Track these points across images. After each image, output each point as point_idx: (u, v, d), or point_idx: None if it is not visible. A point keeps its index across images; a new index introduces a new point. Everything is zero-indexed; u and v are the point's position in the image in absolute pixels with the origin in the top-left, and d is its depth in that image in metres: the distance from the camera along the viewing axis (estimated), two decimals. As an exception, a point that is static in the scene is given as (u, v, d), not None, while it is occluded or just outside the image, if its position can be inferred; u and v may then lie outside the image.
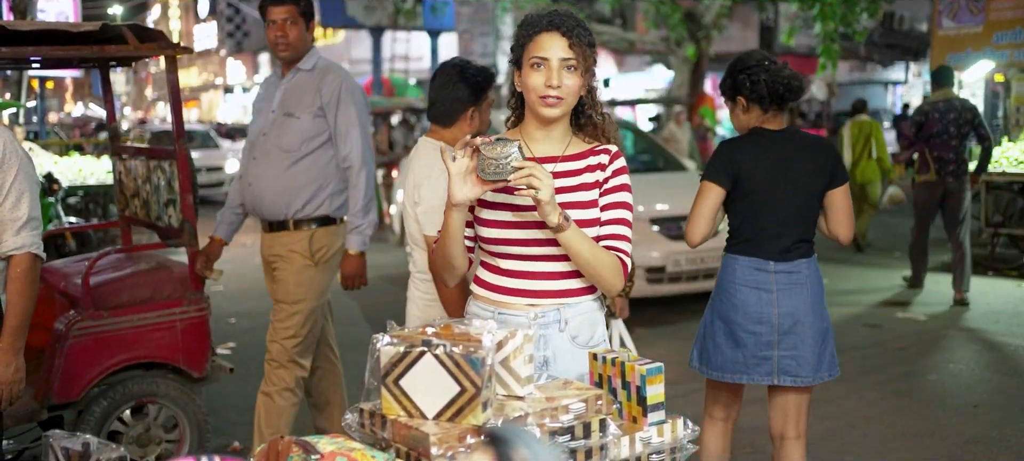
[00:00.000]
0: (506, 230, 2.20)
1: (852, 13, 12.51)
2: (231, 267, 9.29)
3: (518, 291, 2.24)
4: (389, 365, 1.81)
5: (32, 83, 13.64)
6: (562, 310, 2.24)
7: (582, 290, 2.27)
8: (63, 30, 3.74)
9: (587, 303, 2.28)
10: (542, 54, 2.15)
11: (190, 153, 4.01)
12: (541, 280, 2.23)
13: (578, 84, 2.18)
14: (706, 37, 13.50)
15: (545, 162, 2.22)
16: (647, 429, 1.91)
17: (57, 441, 1.88)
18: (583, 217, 2.20)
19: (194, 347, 3.94)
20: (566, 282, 2.24)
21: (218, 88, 43.43)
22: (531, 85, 2.17)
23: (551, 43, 2.15)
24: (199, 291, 3.97)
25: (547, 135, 2.25)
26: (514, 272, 2.24)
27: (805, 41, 18.95)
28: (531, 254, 2.22)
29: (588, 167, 2.25)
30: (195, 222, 3.99)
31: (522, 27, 2.23)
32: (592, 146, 2.28)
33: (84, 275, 3.75)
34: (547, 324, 2.22)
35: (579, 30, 2.17)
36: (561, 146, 2.27)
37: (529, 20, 2.21)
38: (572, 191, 2.22)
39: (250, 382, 5.57)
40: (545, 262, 2.22)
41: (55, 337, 3.74)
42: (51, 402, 3.71)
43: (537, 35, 2.17)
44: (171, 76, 3.89)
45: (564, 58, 2.14)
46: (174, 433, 3.99)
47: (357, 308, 7.80)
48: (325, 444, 1.68)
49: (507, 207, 2.20)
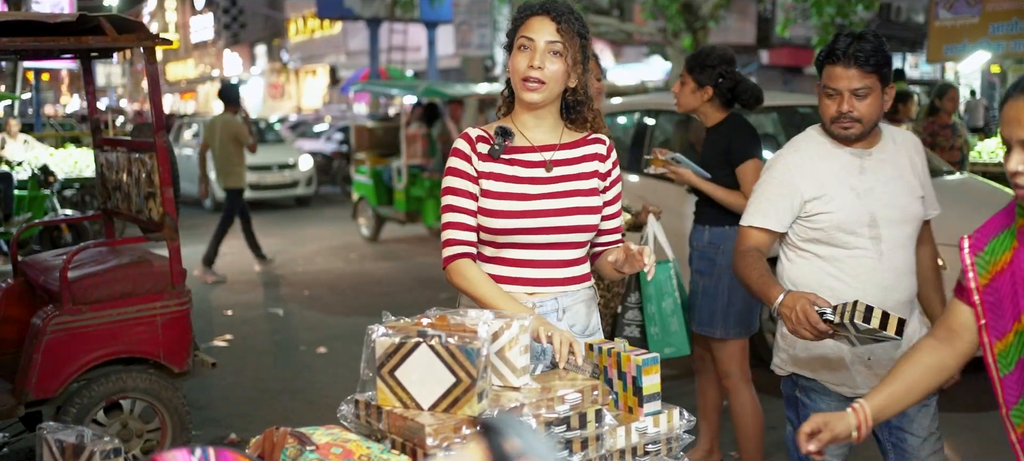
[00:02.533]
0: (510, 220, 2.20)
1: (849, 5, 12.50)
2: (229, 259, 9.30)
3: (519, 279, 2.24)
4: (384, 356, 1.80)
5: (27, 75, 13.59)
6: (560, 299, 2.26)
7: (579, 278, 2.29)
8: (40, 21, 3.70)
9: (583, 291, 2.30)
10: (529, 35, 2.17)
11: (172, 146, 3.97)
12: (541, 269, 2.24)
13: (562, 70, 2.18)
14: (703, 28, 13.47)
15: (544, 150, 2.25)
16: (643, 419, 1.91)
17: (51, 433, 1.88)
18: (586, 204, 2.23)
19: (175, 342, 3.88)
20: (565, 270, 2.26)
21: (214, 80, 43.33)
22: (516, 67, 2.19)
23: (540, 25, 2.17)
24: (180, 285, 3.91)
25: (538, 123, 2.26)
26: (516, 261, 2.24)
27: (802, 32, 18.93)
28: (533, 243, 2.23)
29: (586, 156, 2.28)
30: (176, 215, 3.93)
31: (518, 11, 2.25)
32: (585, 135, 2.31)
33: (62, 269, 3.68)
34: (546, 313, 2.22)
35: (570, 17, 2.18)
36: (556, 134, 2.28)
37: (524, 5, 2.24)
38: (575, 179, 2.24)
39: (246, 375, 5.58)
40: (546, 251, 2.23)
41: (33, 332, 3.66)
42: (29, 398, 3.64)
43: (528, 18, 2.19)
44: (151, 67, 3.86)
45: (550, 41, 2.16)
46: (153, 422, 3.93)
47: (362, 300, 7.80)
48: (320, 435, 1.68)
49: (511, 196, 2.21)
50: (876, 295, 2.45)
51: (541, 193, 2.21)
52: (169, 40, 4.11)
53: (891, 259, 2.52)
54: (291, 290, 8.22)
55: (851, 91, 2.44)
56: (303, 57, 33.83)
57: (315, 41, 32.09)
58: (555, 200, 2.21)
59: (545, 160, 2.24)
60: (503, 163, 2.23)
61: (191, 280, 5.08)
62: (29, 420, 4.06)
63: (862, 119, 2.46)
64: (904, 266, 2.56)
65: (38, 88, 14.88)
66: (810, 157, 2.56)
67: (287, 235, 11.66)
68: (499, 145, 2.21)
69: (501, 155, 2.22)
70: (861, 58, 2.41)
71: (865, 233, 2.52)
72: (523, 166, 2.23)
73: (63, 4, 14.04)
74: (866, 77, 2.43)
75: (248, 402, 5.07)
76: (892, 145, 2.60)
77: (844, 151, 2.55)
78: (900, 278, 2.55)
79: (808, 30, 16.51)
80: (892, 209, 2.53)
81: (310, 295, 7.97)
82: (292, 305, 7.55)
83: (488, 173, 2.22)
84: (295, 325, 6.90)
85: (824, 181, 2.53)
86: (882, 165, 2.55)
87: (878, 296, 2.45)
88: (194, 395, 4.80)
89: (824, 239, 2.54)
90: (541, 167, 2.23)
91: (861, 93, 2.44)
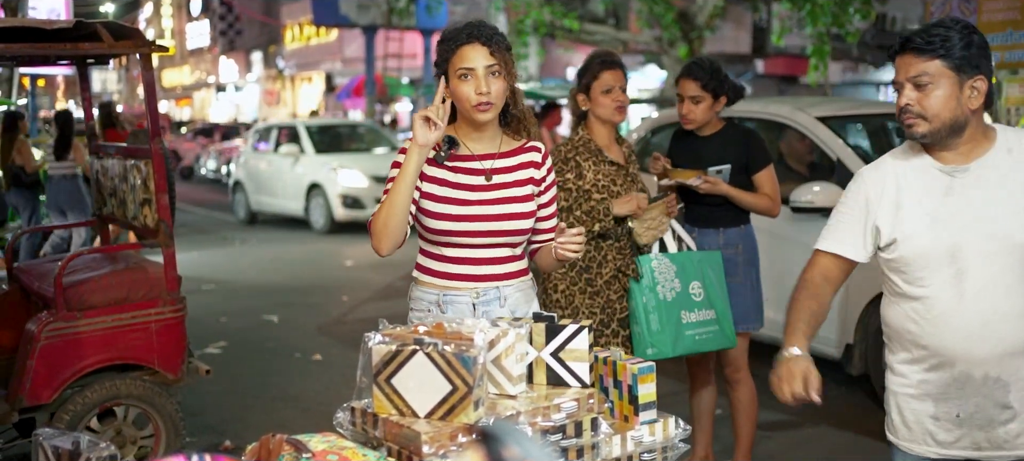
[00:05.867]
0: (450, 222, 2.38)
1: (844, 14, 12.54)
2: (223, 265, 9.29)
3: (462, 276, 2.42)
4: (381, 363, 1.81)
5: (23, 81, 13.58)
6: (501, 288, 2.44)
7: (518, 273, 2.48)
8: (37, 27, 3.70)
9: (519, 283, 2.48)
10: (467, 65, 2.32)
11: (166, 152, 3.98)
12: (483, 266, 2.42)
13: (503, 87, 2.36)
14: (699, 37, 13.50)
15: (484, 158, 2.44)
16: (638, 428, 1.91)
17: (46, 439, 1.87)
18: (521, 210, 2.42)
19: (170, 349, 3.87)
20: (504, 266, 2.45)
21: (210, 86, 43.31)
22: (462, 95, 2.34)
23: (474, 54, 2.32)
24: (175, 292, 3.90)
25: (480, 135, 2.44)
26: (458, 259, 2.42)
27: (797, 42, 18.98)
28: (472, 243, 2.40)
29: (521, 164, 2.48)
30: (171, 222, 3.93)
31: (443, 42, 2.39)
32: (521, 144, 2.50)
33: (57, 275, 3.67)
34: (489, 301, 2.42)
35: (497, 37, 2.35)
36: (495, 144, 2.47)
37: (448, 35, 2.38)
38: (511, 186, 2.43)
39: (241, 381, 5.57)
40: (486, 249, 2.42)
41: (27, 338, 3.64)
42: (22, 405, 3.63)
43: (459, 48, 2.34)
44: (147, 74, 3.86)
45: (488, 65, 2.32)
46: (147, 429, 3.92)
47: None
48: (317, 443, 1.68)
49: (452, 201, 2.38)
50: (957, 346, 2.11)
51: (480, 199, 2.40)
52: (165, 47, 4.11)
53: (978, 302, 2.10)
54: (286, 297, 8.21)
55: (909, 80, 2.10)
56: (299, 64, 33.83)
57: (311, 48, 32.11)
58: (493, 206, 2.40)
59: (486, 169, 2.43)
60: (446, 169, 2.41)
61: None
62: (23, 426, 4.04)
63: (926, 115, 2.09)
64: (1002, 310, 2.11)
65: (34, 94, 14.87)
66: (891, 174, 2.21)
67: (285, 240, 11.66)
68: (445, 152, 2.39)
69: (445, 161, 2.38)
70: (919, 43, 2.09)
71: (944, 268, 2.12)
72: (465, 173, 2.41)
73: (60, 10, 14.01)
74: (925, 63, 2.08)
75: (243, 409, 5.06)
76: (1006, 156, 2.15)
77: (931, 167, 2.17)
78: (991, 326, 2.10)
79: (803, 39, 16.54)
80: (986, 239, 2.10)
81: (305, 302, 7.96)
82: (287, 312, 7.54)
83: (432, 177, 2.40)
84: (290, 332, 6.89)
85: (900, 203, 2.17)
86: (981, 183, 2.13)
87: (961, 347, 2.10)
88: (188, 402, 4.79)
89: (904, 274, 2.18)
90: (481, 175, 2.42)
91: (922, 83, 2.08)
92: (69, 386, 3.72)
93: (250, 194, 13.54)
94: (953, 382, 2.15)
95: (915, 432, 2.22)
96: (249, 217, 13.67)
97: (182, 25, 44.71)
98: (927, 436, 2.20)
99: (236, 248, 9.29)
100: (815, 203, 4.88)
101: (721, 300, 3.48)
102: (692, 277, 3.43)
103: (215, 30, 41.05)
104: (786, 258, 3.45)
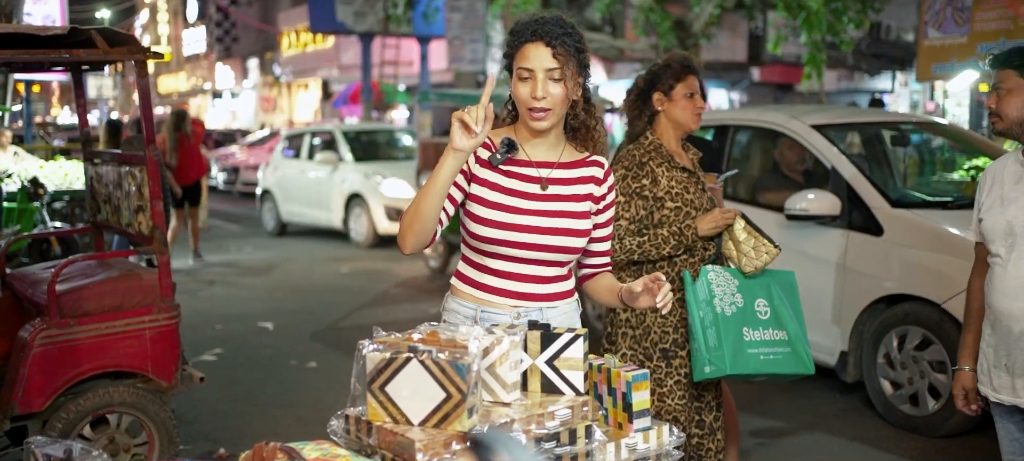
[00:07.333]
0: (497, 230, 2.20)
1: (839, 23, 12.59)
2: (218, 274, 9.28)
3: (503, 291, 2.24)
4: (375, 371, 1.80)
5: (18, 87, 13.55)
6: (544, 311, 2.25)
7: (563, 294, 2.30)
8: (31, 34, 3.69)
9: (565, 305, 2.31)
10: (528, 66, 2.16)
11: (161, 159, 3.97)
12: (527, 283, 2.24)
13: (565, 92, 2.17)
14: (695, 45, 13.54)
15: (541, 167, 2.26)
16: (633, 435, 1.91)
17: (39, 447, 1.86)
18: (576, 227, 2.24)
19: (164, 356, 3.85)
20: (549, 286, 2.27)
21: (206, 93, 43.28)
22: (520, 97, 2.19)
23: (536, 54, 2.15)
24: (169, 299, 3.88)
25: (540, 141, 2.26)
26: (501, 272, 2.24)
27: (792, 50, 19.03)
28: (520, 257, 2.23)
29: (581, 178, 2.29)
30: (165, 229, 3.92)
31: (511, 35, 2.23)
32: (585, 156, 2.31)
33: (50, 282, 3.64)
34: None
35: (565, 37, 2.16)
36: (556, 152, 2.28)
37: (517, 28, 2.21)
38: (568, 200, 2.25)
39: (235, 388, 5.56)
40: (532, 266, 2.24)
41: (19, 345, 3.62)
42: (15, 412, 3.60)
43: (523, 46, 2.18)
44: (142, 81, 3.84)
45: (549, 69, 2.14)
46: (141, 437, 3.90)
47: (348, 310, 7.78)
48: (311, 450, 1.68)
49: (502, 207, 2.21)
50: (1001, 303, 2.59)
51: (533, 209, 2.21)
52: (160, 53, 4.11)
53: (1019, 267, 2.56)
54: (280, 304, 8.20)
55: (995, 87, 2.63)
56: (295, 71, 33.82)
57: (307, 55, 32.10)
58: (545, 218, 2.22)
59: (541, 177, 2.25)
60: (500, 173, 2.23)
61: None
62: (15, 434, 4.03)
63: (1002, 115, 2.60)
64: None
65: (29, 100, 14.84)
66: (999, 164, 2.71)
67: (282, 247, 11.64)
68: (501, 155, 2.20)
69: (500, 165, 2.23)
70: (1001, 57, 2.61)
71: (1001, 244, 2.60)
72: (519, 180, 2.23)
73: (55, 17, 14.02)
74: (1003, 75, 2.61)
75: (237, 416, 5.05)
76: None
77: (1016, 160, 2.66)
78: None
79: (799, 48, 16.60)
80: None
81: (300, 309, 7.95)
82: (282, 319, 7.53)
83: (483, 180, 2.23)
84: (285, 339, 6.88)
85: (989, 189, 2.68)
86: None
87: (1002, 305, 2.58)
88: (183, 409, 4.78)
89: (986, 246, 2.68)
90: (536, 183, 2.24)
91: (1002, 92, 2.60)
92: (62, 394, 3.69)
93: (280, 203, 12.55)
94: (1002, 335, 2.62)
95: (983, 379, 2.72)
96: (279, 228, 12.75)
97: (178, 31, 44.67)
98: (988, 380, 2.70)
99: (231, 256, 9.28)
100: (809, 211, 4.89)
101: (793, 322, 3.17)
102: (757, 294, 3.16)
103: (211, 36, 41.03)
104: (782, 265, 3.44)
